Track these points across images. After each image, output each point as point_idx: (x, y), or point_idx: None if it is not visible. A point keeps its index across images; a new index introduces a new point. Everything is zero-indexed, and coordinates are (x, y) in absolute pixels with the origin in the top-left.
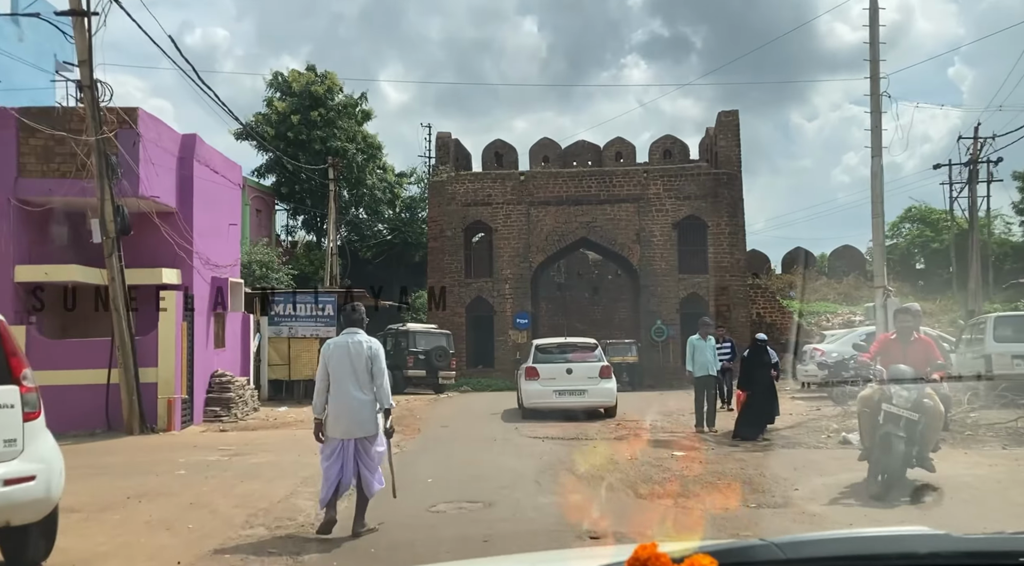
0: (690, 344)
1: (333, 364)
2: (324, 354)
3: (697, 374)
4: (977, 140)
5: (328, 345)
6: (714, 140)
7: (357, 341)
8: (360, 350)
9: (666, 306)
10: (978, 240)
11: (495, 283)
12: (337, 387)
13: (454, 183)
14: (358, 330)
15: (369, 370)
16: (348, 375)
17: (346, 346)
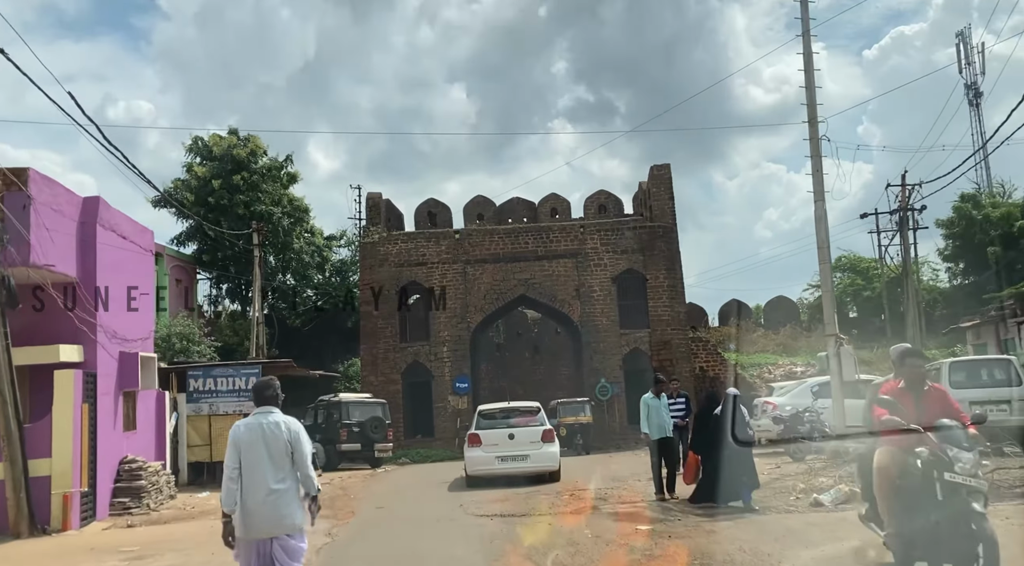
0: (644, 403)
1: (245, 450)
2: (234, 438)
3: (654, 436)
4: (905, 187)
5: (238, 428)
6: (647, 194)
7: (273, 422)
8: (276, 433)
9: (609, 363)
10: (914, 286)
11: (432, 346)
12: (251, 477)
13: (386, 244)
14: (273, 408)
15: (289, 455)
16: (263, 462)
17: (260, 428)
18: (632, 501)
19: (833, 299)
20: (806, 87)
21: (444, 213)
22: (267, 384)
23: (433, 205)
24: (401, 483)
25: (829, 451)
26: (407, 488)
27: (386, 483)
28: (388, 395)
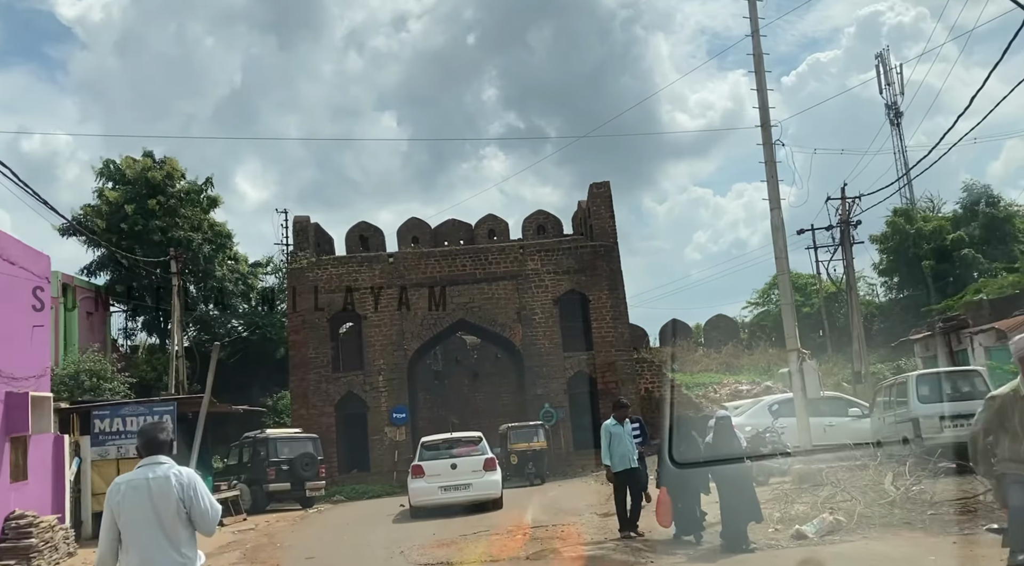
0: (605, 431)
1: (127, 515)
2: (110, 501)
3: (617, 468)
4: (845, 200)
5: (117, 487)
6: (587, 213)
7: (162, 476)
8: (166, 489)
9: (553, 387)
10: (858, 301)
11: (367, 376)
12: (135, 549)
13: (316, 269)
14: (163, 458)
15: (184, 517)
16: (150, 528)
17: (144, 486)
18: (597, 541)
19: (794, 312)
20: (757, 90)
21: (377, 237)
22: (158, 427)
23: (365, 229)
24: (335, 525)
25: (795, 474)
26: (342, 531)
27: (318, 526)
28: (320, 429)
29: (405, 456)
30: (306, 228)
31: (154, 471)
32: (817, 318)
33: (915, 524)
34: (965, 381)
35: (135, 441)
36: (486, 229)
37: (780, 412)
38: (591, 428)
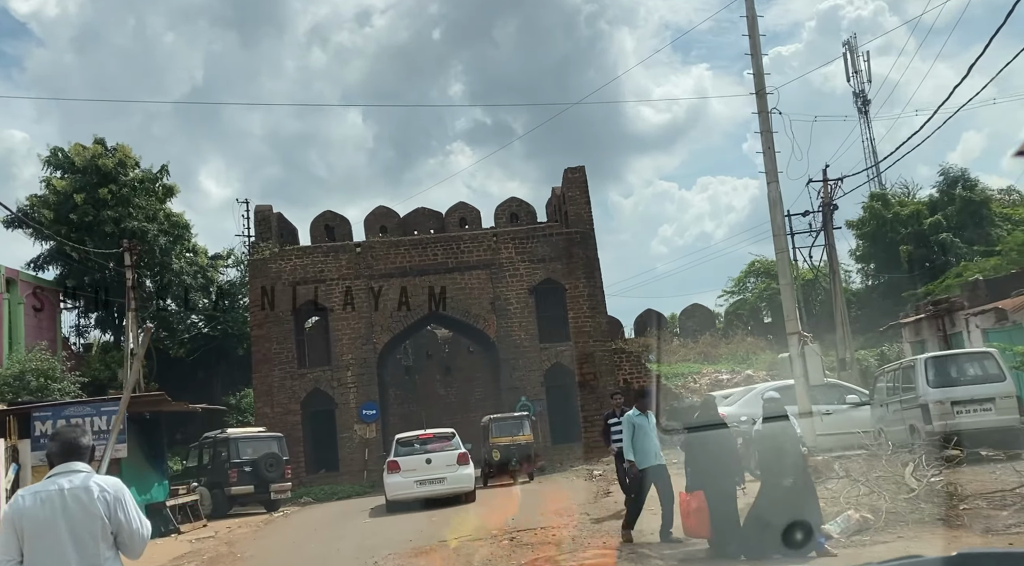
0: (628, 423)
1: (31, 534)
2: (10, 516)
3: (643, 464)
4: (827, 182)
5: (19, 500)
6: (562, 199)
7: (80, 487)
8: (86, 503)
9: (530, 380)
10: (841, 285)
11: (335, 371)
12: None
13: (279, 260)
14: (81, 466)
15: (109, 537)
16: (61, 549)
17: (56, 499)
18: (598, 546)
19: (794, 293)
20: (751, 55)
21: (343, 227)
22: (76, 430)
23: (330, 218)
24: (302, 530)
25: None
26: (309, 536)
27: (284, 531)
28: (286, 427)
29: (376, 454)
30: (268, 218)
31: (70, 480)
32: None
33: (952, 521)
34: (977, 364)
35: None
36: (457, 218)
37: (785, 399)
38: (571, 422)
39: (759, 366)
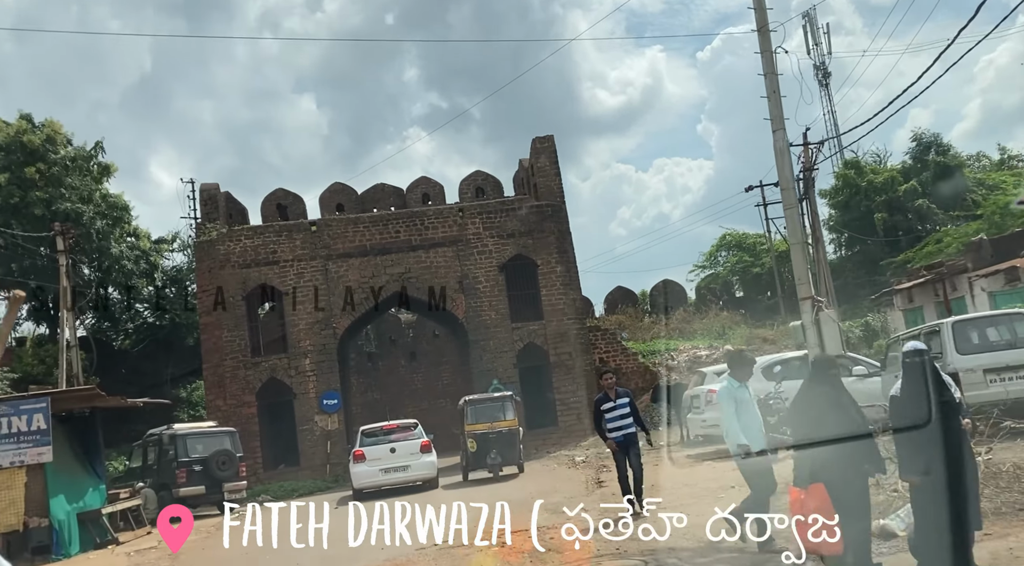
0: (726, 396)
1: None
2: None
3: (758, 447)
4: (808, 146)
5: None
6: (531, 170)
7: None
8: None
9: (501, 361)
10: (825, 253)
11: (292, 359)
12: None
13: (227, 241)
14: None
15: None
16: None
17: None
18: None
19: (805, 254)
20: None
21: (297, 206)
22: None
23: (283, 196)
24: (259, 533)
25: None
26: (265, 544)
27: (237, 537)
28: (240, 421)
29: (339, 447)
30: (215, 197)
31: None
32: (769, 279)
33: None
34: (1007, 327)
35: None
36: (419, 194)
37: (783, 375)
38: (547, 405)
39: (737, 341)
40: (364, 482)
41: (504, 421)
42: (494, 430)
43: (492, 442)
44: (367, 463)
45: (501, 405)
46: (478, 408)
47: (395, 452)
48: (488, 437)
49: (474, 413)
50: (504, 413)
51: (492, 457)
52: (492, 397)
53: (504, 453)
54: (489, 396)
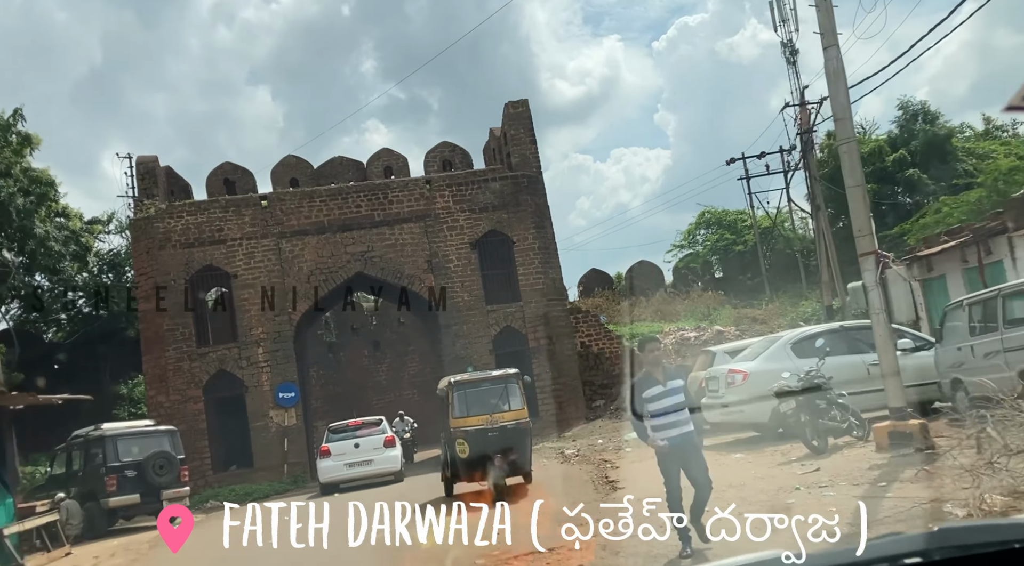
0: None
1: None
2: None
3: None
4: (806, 106)
5: None
6: (504, 139)
7: None
8: None
9: (476, 347)
10: (827, 223)
11: (243, 348)
12: None
13: (167, 218)
14: None
15: None
16: None
17: None
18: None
19: (866, 198)
20: None
21: (246, 180)
22: None
23: (230, 171)
24: (204, 549)
25: None
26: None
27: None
28: (186, 418)
29: (297, 445)
30: (154, 171)
31: None
32: (752, 257)
33: None
34: None
35: None
36: (381, 166)
37: (807, 351)
38: (527, 393)
39: (723, 321)
40: (330, 476)
41: (510, 412)
42: (496, 425)
43: (493, 443)
44: (332, 458)
45: (504, 388)
46: (470, 394)
47: (359, 447)
48: (487, 436)
49: (465, 401)
50: (509, 400)
51: (496, 468)
52: (490, 377)
53: (511, 460)
54: (486, 375)
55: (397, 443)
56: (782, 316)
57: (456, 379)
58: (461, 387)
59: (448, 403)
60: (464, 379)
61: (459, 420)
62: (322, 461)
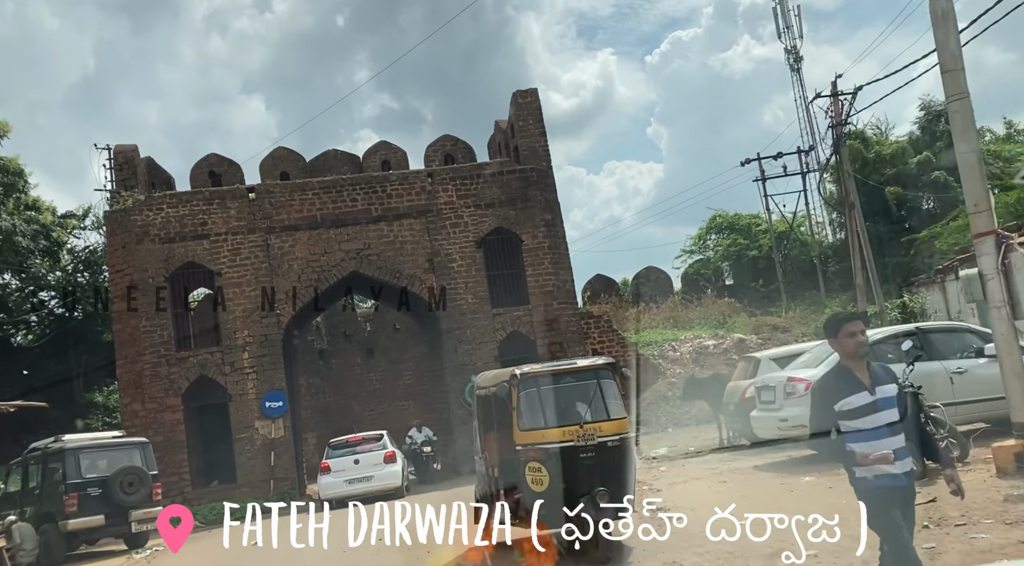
0: None
1: None
2: None
3: None
4: (838, 97)
5: None
6: (511, 131)
7: None
8: None
9: (481, 353)
10: (861, 221)
11: (227, 353)
12: None
13: (145, 210)
14: None
15: None
16: None
17: None
18: None
19: (982, 166)
20: None
21: (233, 174)
22: None
23: (216, 163)
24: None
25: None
26: None
27: None
28: (163, 428)
29: (284, 459)
30: (133, 160)
31: None
32: (766, 262)
33: None
34: None
35: None
36: (378, 160)
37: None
38: None
39: (741, 329)
40: (330, 493)
41: (609, 421)
42: (591, 442)
43: (589, 470)
44: (332, 474)
45: (597, 386)
46: (547, 394)
47: (359, 463)
48: (579, 459)
49: (539, 405)
50: (606, 403)
51: (593, 506)
52: (575, 368)
53: (614, 495)
54: (569, 365)
55: (399, 458)
56: (804, 324)
57: (524, 371)
58: (532, 383)
59: (500, 407)
60: (535, 371)
61: (530, 433)
62: (323, 477)
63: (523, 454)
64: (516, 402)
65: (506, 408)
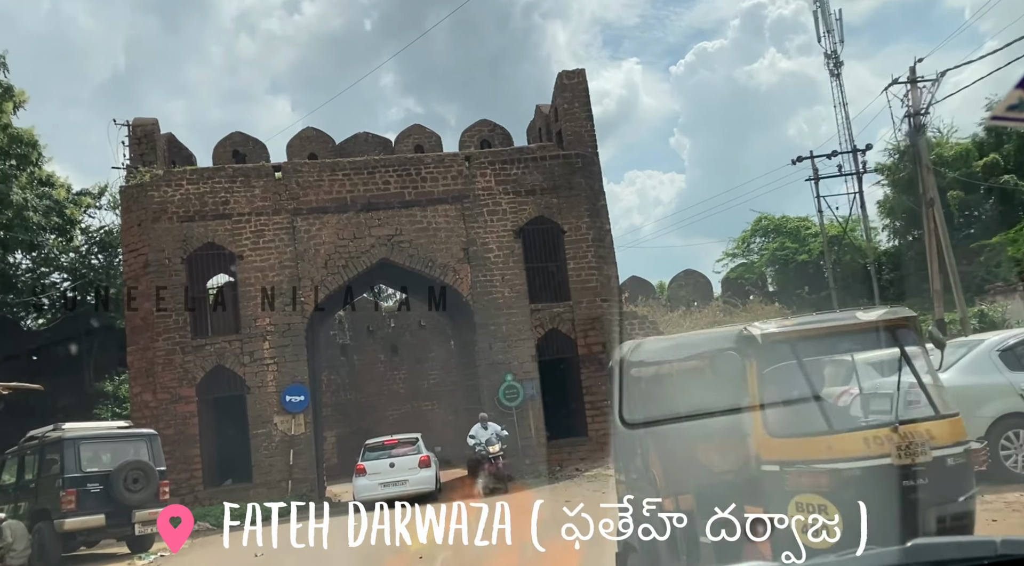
0: None
1: None
2: None
3: None
4: (916, 83)
5: None
6: (554, 114)
7: None
8: None
9: (517, 352)
10: (941, 220)
11: (245, 342)
12: None
13: (163, 186)
14: None
15: None
16: None
17: None
18: None
19: None
20: None
21: (258, 153)
22: None
23: (240, 142)
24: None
25: None
26: None
27: None
28: (176, 420)
29: (305, 458)
30: (152, 135)
31: None
32: (815, 268)
33: None
34: None
35: None
36: (411, 144)
37: (1021, 362)
38: (574, 410)
39: None
40: (365, 495)
41: (940, 419)
42: (922, 457)
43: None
44: (367, 477)
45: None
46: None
47: (394, 467)
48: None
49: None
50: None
51: None
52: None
53: None
54: (845, 321)
55: (432, 463)
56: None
57: (770, 330)
58: (786, 351)
59: (745, 392)
60: (791, 331)
61: (794, 443)
62: (358, 479)
63: (785, 479)
64: (755, 385)
65: (726, 393)
